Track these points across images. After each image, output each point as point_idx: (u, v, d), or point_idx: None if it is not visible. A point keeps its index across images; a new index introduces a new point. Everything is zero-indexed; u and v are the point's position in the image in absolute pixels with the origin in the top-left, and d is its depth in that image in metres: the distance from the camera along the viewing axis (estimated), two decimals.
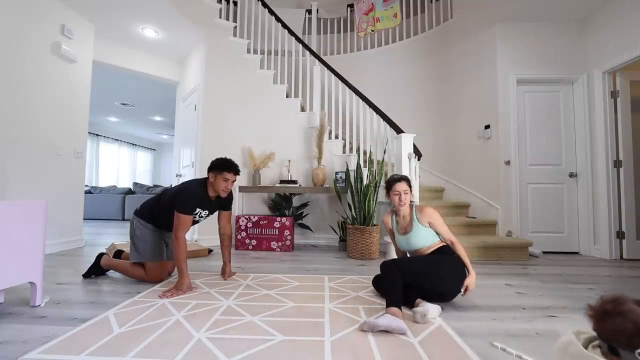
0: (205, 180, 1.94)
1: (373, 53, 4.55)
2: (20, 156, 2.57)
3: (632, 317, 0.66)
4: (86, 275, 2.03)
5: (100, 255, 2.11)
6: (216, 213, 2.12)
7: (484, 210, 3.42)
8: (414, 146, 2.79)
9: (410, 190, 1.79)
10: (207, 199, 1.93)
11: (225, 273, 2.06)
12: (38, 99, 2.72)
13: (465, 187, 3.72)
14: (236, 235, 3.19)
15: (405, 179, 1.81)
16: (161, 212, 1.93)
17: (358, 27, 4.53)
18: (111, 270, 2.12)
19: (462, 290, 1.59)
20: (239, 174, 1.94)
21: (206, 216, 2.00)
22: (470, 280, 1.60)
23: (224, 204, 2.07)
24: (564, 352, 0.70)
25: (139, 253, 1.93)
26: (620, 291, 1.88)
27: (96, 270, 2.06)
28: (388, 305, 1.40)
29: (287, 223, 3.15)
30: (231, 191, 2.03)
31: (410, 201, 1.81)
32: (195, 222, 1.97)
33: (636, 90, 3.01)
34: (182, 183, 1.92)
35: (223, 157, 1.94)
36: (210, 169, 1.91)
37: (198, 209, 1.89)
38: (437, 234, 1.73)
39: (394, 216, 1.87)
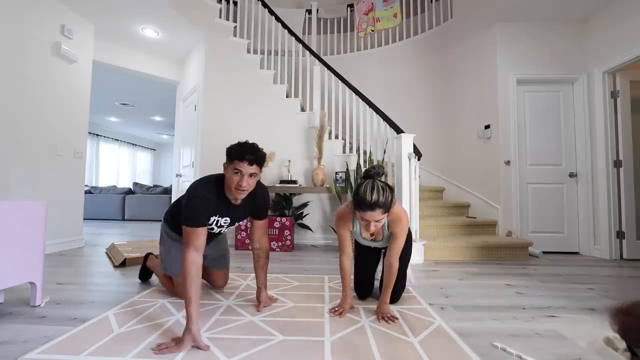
0: (220, 177, 1.41)
1: (373, 53, 4.56)
2: (20, 156, 2.57)
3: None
4: (141, 279, 1.95)
5: (147, 255, 1.94)
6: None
7: (484, 210, 3.42)
8: (414, 146, 2.79)
9: (388, 212, 1.32)
10: (223, 201, 1.39)
11: (260, 301, 1.51)
12: (38, 99, 2.72)
13: (465, 187, 3.72)
14: (236, 235, 3.19)
15: (381, 206, 1.26)
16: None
17: (358, 27, 4.53)
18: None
19: (379, 320, 1.37)
20: (259, 165, 1.32)
21: (228, 225, 1.49)
22: (381, 308, 1.42)
23: (255, 209, 1.52)
24: (591, 348, 0.80)
25: (163, 264, 1.65)
26: (621, 291, 1.89)
27: (146, 272, 1.94)
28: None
29: (287, 223, 3.15)
30: (265, 192, 1.53)
31: None
32: (214, 235, 1.55)
33: (636, 90, 3.01)
34: (195, 181, 1.39)
35: (244, 141, 1.35)
36: (226, 158, 1.35)
37: (213, 217, 1.39)
38: (390, 244, 1.44)
39: (356, 219, 1.48)
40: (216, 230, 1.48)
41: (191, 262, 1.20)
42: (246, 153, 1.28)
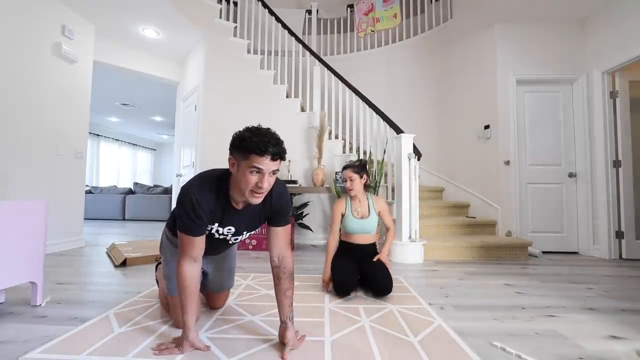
0: (225, 173, 1.11)
1: (373, 53, 4.56)
2: (20, 156, 2.57)
3: None
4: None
5: (158, 265, 1.60)
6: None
7: (484, 210, 3.42)
8: (414, 146, 2.79)
9: (360, 178, 1.91)
10: (225, 206, 1.11)
11: (286, 343, 1.08)
12: (39, 99, 2.72)
13: (465, 187, 3.72)
14: None
15: (352, 167, 1.92)
16: None
17: (358, 27, 4.53)
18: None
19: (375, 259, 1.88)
20: (283, 159, 1.04)
21: (233, 235, 1.20)
22: (382, 257, 1.89)
23: (272, 213, 1.19)
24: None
25: (166, 280, 1.32)
26: (620, 291, 1.89)
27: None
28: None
29: None
30: (282, 188, 1.19)
31: (367, 189, 2.01)
32: (220, 243, 1.22)
33: (635, 90, 3.02)
34: (191, 178, 1.12)
35: (253, 126, 1.04)
36: (230, 150, 1.05)
37: (211, 226, 1.13)
38: (383, 219, 1.99)
39: (348, 200, 1.98)
40: (219, 236, 1.18)
41: (186, 271, 1.06)
42: (269, 145, 0.97)
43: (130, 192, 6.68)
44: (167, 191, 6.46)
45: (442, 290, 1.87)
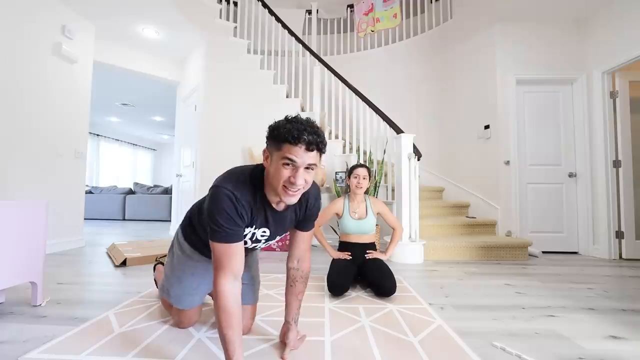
0: (257, 169, 0.98)
1: (373, 53, 4.56)
2: (20, 156, 2.57)
3: None
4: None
5: (156, 266, 1.67)
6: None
7: (484, 210, 3.42)
8: (414, 146, 2.79)
9: (369, 179, 2.00)
10: (262, 205, 0.97)
11: (287, 343, 1.07)
12: (39, 99, 2.72)
13: (465, 187, 3.72)
14: None
15: (366, 167, 2.01)
16: (201, 226, 1.12)
17: (358, 27, 4.53)
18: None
19: (368, 255, 1.95)
20: (321, 151, 0.89)
21: (266, 240, 1.07)
22: (378, 254, 1.96)
23: (304, 216, 1.09)
24: None
25: (165, 282, 1.26)
26: (620, 291, 1.89)
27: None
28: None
29: None
30: (317, 190, 1.11)
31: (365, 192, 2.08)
32: (250, 250, 1.13)
33: (635, 90, 3.02)
34: (221, 175, 0.95)
35: (293, 116, 0.89)
36: (266, 142, 0.93)
37: (248, 229, 0.98)
38: (386, 220, 2.06)
39: (346, 201, 2.04)
40: (250, 245, 1.05)
41: (227, 293, 0.86)
42: (304, 132, 0.83)
43: (130, 192, 6.68)
44: (167, 191, 6.47)
45: (442, 290, 1.87)
